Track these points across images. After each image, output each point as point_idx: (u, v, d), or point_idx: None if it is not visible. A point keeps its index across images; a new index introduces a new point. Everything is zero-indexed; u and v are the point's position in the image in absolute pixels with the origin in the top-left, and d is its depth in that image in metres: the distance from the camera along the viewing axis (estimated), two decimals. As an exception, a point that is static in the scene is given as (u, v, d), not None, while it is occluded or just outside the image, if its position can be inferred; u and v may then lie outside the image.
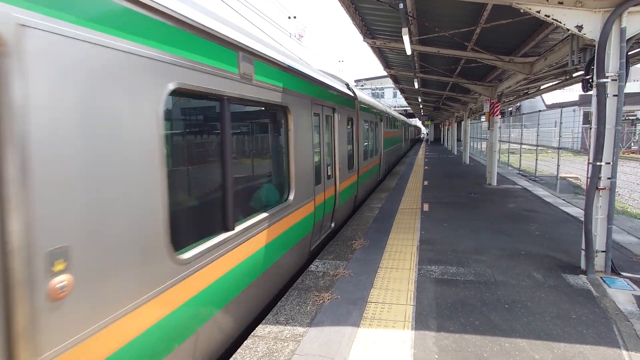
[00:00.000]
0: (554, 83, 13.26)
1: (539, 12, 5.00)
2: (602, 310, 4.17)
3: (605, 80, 4.78)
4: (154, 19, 2.48)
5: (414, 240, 6.80)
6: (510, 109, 34.57)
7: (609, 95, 4.80)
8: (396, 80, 18.50)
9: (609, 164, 4.92)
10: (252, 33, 4.36)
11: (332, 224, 7.29)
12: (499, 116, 13.74)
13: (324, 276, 5.20)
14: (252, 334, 3.78)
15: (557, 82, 12.91)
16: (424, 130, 72.29)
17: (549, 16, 4.97)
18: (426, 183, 13.84)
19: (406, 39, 7.58)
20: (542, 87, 14.59)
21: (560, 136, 13.06)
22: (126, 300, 2.21)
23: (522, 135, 17.88)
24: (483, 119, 23.41)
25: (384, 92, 58.26)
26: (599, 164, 4.92)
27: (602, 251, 5.09)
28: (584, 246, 5.18)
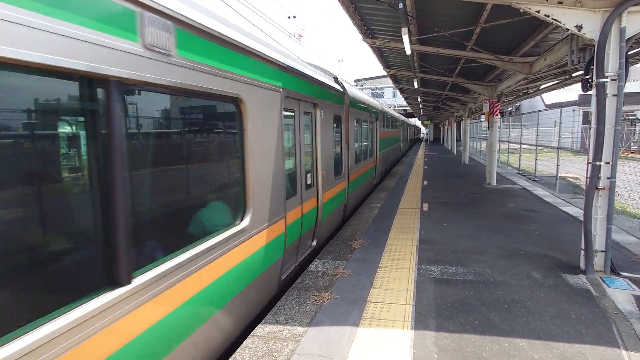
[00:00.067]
0: (553, 83, 13.27)
1: (538, 11, 5.00)
2: (601, 310, 4.17)
3: (604, 80, 4.78)
4: None
5: (413, 240, 6.80)
6: (509, 109, 34.60)
7: (608, 95, 4.81)
8: (396, 80, 18.50)
9: (609, 163, 4.92)
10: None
11: (314, 242, 6.28)
12: (499, 116, 13.75)
13: (324, 276, 5.20)
14: (251, 333, 3.78)
15: (556, 81, 12.92)
16: (423, 130, 72.31)
17: (548, 16, 4.97)
18: (426, 183, 13.85)
19: (406, 38, 7.58)
20: (541, 86, 14.60)
21: (559, 136, 13.07)
22: None
23: (521, 135, 17.89)
24: (483, 118, 23.44)
25: (383, 92, 58.34)
26: (598, 163, 4.92)
27: (602, 251, 5.10)
28: (583, 246, 5.18)
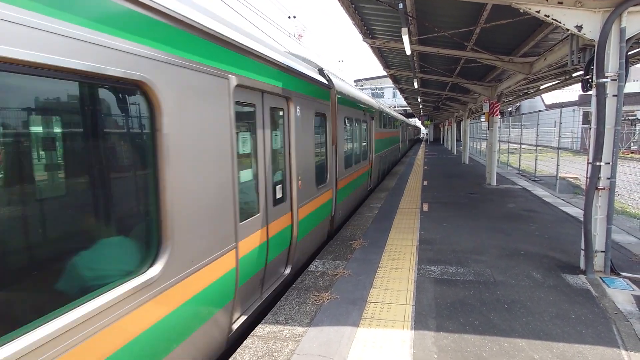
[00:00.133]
0: (553, 83, 13.27)
1: (538, 12, 5.00)
2: (601, 310, 4.17)
3: (604, 80, 4.78)
4: None
5: (413, 240, 6.80)
6: (509, 109, 34.62)
7: (608, 95, 4.81)
8: (396, 80, 18.50)
9: (609, 164, 4.92)
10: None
11: (288, 269, 5.18)
12: (499, 116, 13.75)
13: (324, 276, 5.20)
14: (251, 333, 3.78)
15: (556, 82, 12.92)
16: (423, 130, 72.31)
17: (548, 16, 4.97)
18: (426, 183, 13.85)
19: (406, 39, 7.58)
20: (541, 87, 14.60)
21: (559, 136, 13.07)
22: None
23: (521, 135, 17.89)
24: (483, 119, 23.44)
25: (383, 92, 58.37)
26: (598, 164, 4.92)
27: (602, 251, 5.10)
28: (583, 246, 5.18)
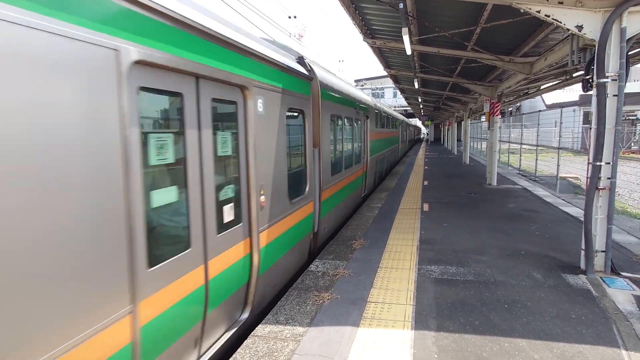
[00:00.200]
0: (554, 83, 13.27)
1: (539, 12, 5.00)
2: (601, 310, 4.17)
3: (605, 80, 4.78)
4: None
5: (413, 240, 6.80)
6: (510, 109, 34.59)
7: (609, 95, 4.81)
8: (396, 80, 18.50)
9: (609, 164, 4.92)
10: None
11: (246, 314, 3.99)
12: (499, 116, 13.74)
13: (324, 276, 5.20)
14: (252, 333, 3.79)
15: (557, 82, 12.92)
16: (424, 130, 72.27)
17: (549, 16, 4.97)
18: (426, 183, 13.85)
19: (406, 38, 7.59)
20: (542, 87, 14.60)
21: (560, 136, 13.07)
22: None
23: (522, 135, 17.89)
24: (483, 119, 23.43)
25: (384, 92, 58.36)
26: (598, 164, 4.92)
27: (602, 251, 5.10)
28: (583, 246, 5.18)
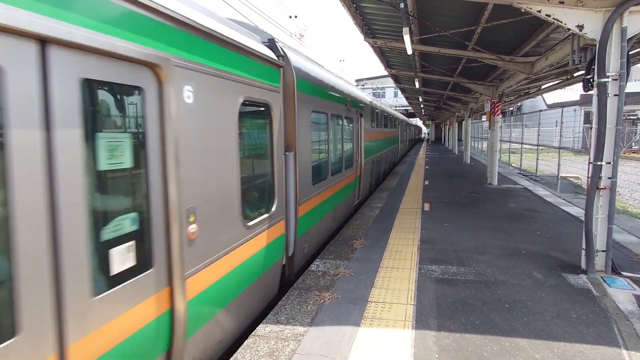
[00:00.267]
0: (555, 83, 13.26)
1: (539, 11, 5.00)
2: (602, 309, 4.17)
3: (606, 79, 4.78)
4: None
5: (414, 239, 6.81)
6: (511, 109, 34.55)
7: (609, 95, 4.81)
8: (397, 79, 18.50)
9: (610, 163, 4.92)
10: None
11: None
12: (500, 116, 13.74)
13: (325, 276, 5.21)
14: (252, 333, 3.79)
15: (558, 81, 12.91)
16: (424, 130, 72.25)
17: (549, 16, 4.97)
18: (427, 183, 13.85)
19: (407, 38, 7.59)
20: (543, 86, 14.58)
21: (561, 136, 13.07)
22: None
23: (522, 134, 17.88)
24: (484, 118, 23.41)
25: (384, 92, 58.37)
26: (599, 163, 4.93)
27: (603, 251, 5.10)
28: (584, 246, 5.18)
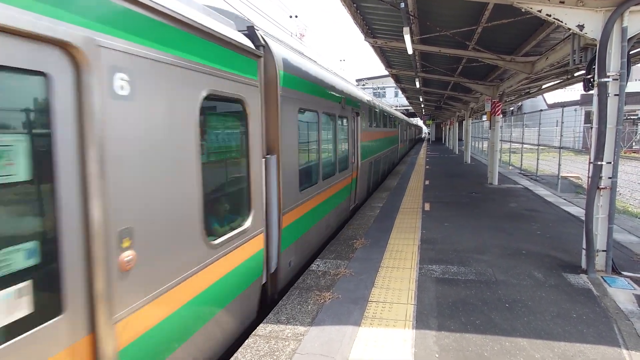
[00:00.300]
0: (555, 82, 13.26)
1: (540, 11, 5.00)
2: (602, 309, 4.17)
3: (606, 79, 4.78)
4: None
5: (415, 239, 6.81)
6: (511, 109, 34.54)
7: (610, 95, 4.81)
8: (398, 79, 18.49)
9: (610, 163, 4.92)
10: None
11: None
12: (501, 115, 13.74)
13: (325, 275, 5.21)
14: (253, 333, 3.80)
15: (558, 81, 12.91)
16: (425, 130, 72.23)
17: (550, 15, 4.97)
18: (427, 182, 13.84)
19: (407, 38, 7.59)
20: (543, 86, 14.58)
21: (561, 136, 13.06)
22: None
23: (523, 134, 17.87)
24: (484, 118, 23.40)
25: (385, 92, 58.39)
26: (600, 163, 4.92)
27: (603, 250, 5.10)
28: (584, 245, 5.18)
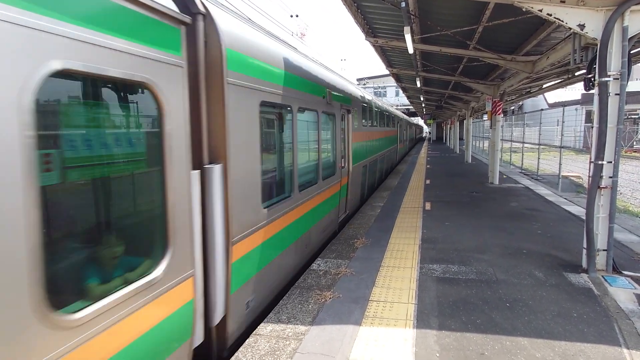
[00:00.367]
0: (556, 82, 13.23)
1: (541, 10, 4.99)
2: (603, 308, 4.18)
3: (607, 79, 4.78)
4: None
5: (415, 239, 6.81)
6: (512, 108, 34.48)
7: (610, 94, 4.81)
8: (398, 79, 18.48)
9: (611, 162, 4.92)
10: None
11: None
12: (501, 115, 13.73)
13: (326, 275, 5.22)
14: (254, 332, 3.81)
15: (559, 80, 12.88)
16: (426, 129, 72.19)
17: (551, 15, 4.96)
18: (428, 182, 13.84)
19: (408, 37, 7.59)
20: (544, 85, 14.55)
21: (562, 135, 13.06)
22: None
23: (524, 134, 17.86)
24: (485, 117, 23.37)
25: (386, 91, 58.32)
26: (600, 162, 4.92)
27: (604, 250, 5.10)
28: (585, 245, 5.18)
